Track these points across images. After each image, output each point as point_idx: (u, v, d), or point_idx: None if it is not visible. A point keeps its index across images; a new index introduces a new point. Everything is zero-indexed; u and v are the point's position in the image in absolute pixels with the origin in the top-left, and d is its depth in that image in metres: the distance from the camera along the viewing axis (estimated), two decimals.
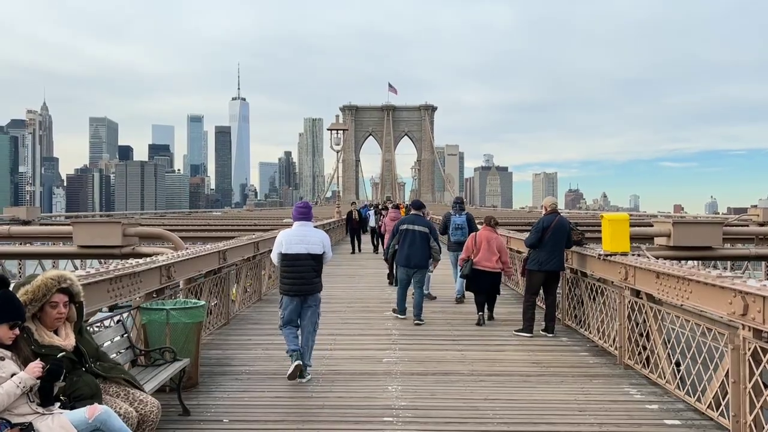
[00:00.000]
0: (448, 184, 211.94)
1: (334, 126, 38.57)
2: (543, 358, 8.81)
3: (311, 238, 7.88)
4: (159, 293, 8.33)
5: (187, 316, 7.20)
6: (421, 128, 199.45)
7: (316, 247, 7.84)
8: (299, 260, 7.75)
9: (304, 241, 7.81)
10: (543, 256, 10.43)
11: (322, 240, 7.98)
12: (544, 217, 10.69)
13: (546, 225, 10.47)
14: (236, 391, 7.28)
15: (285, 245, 7.85)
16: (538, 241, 10.54)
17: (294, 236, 7.88)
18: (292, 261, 7.77)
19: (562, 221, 10.58)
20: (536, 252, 10.54)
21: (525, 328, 10.38)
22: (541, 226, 10.53)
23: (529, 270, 10.85)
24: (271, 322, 11.36)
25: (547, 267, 10.41)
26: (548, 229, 10.42)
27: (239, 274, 13.38)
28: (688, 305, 6.72)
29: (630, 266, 8.34)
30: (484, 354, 9.07)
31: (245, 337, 10.22)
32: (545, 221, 10.54)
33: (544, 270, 10.44)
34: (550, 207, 10.81)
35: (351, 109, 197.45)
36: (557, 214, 10.72)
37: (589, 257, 10.00)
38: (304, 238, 7.84)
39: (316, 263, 7.87)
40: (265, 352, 9.10)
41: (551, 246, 10.39)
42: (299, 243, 7.80)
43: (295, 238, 7.85)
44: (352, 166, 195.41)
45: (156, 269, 8.06)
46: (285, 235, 7.99)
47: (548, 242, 10.39)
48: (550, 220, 10.48)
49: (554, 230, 10.38)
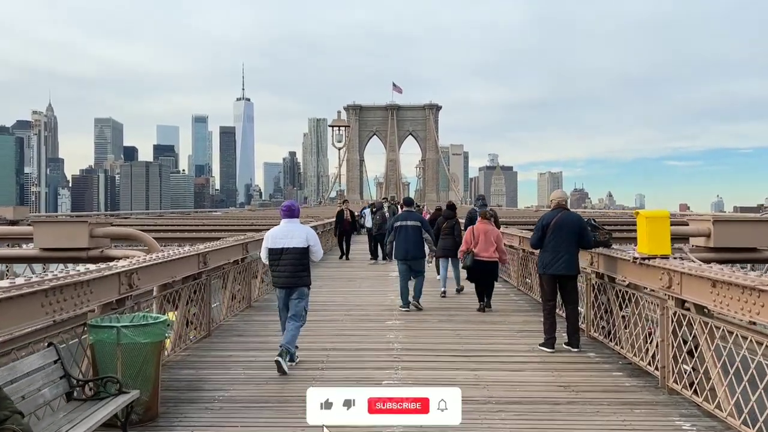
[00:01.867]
0: (453, 184, 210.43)
1: (336, 123, 37.20)
2: (571, 380, 7.50)
3: (295, 233, 8.34)
4: (120, 304, 7.09)
5: (143, 335, 5.93)
6: (425, 128, 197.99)
7: (299, 240, 8.27)
8: (284, 254, 8.24)
9: (289, 236, 8.29)
10: (547, 258, 9.13)
11: (306, 234, 8.38)
12: (547, 214, 9.45)
13: (546, 222, 9.17)
14: (204, 425, 6.01)
15: (271, 240, 8.40)
16: (539, 241, 9.29)
17: (280, 232, 8.41)
18: (278, 255, 8.29)
19: (568, 217, 9.21)
20: (541, 253, 9.29)
21: (546, 342, 9.07)
22: (542, 223, 9.25)
23: (538, 273, 9.67)
24: (259, 334, 10.13)
25: (552, 270, 9.08)
26: (549, 227, 9.11)
27: (226, 279, 12.13)
28: (761, 321, 5.42)
29: (674, 272, 7.03)
30: (501, 374, 7.77)
31: (226, 352, 8.94)
32: (547, 217, 9.27)
33: (551, 273, 9.13)
34: (556, 202, 9.47)
35: (355, 108, 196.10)
36: (563, 209, 9.34)
37: (620, 260, 8.67)
38: (288, 233, 8.32)
39: (301, 257, 8.30)
40: (246, 372, 7.81)
41: (555, 246, 9.04)
42: (284, 238, 8.29)
43: (281, 233, 8.37)
44: (356, 166, 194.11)
45: (113, 277, 6.80)
46: (271, 231, 8.58)
47: (551, 241, 9.07)
48: (552, 217, 9.17)
49: (557, 228, 9.04)
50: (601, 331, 9.52)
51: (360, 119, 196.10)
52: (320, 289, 14.99)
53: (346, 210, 23.97)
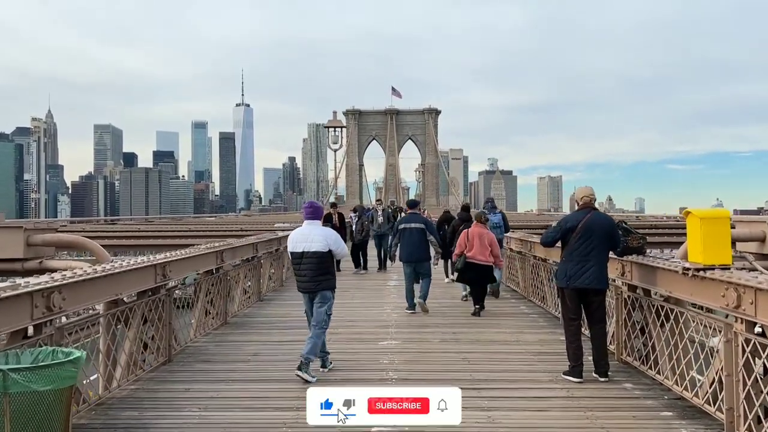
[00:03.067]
0: (452, 188, 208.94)
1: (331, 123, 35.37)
2: (610, 424, 5.92)
3: (315, 236, 7.95)
4: (37, 331, 5.56)
5: (42, 380, 4.38)
6: (425, 132, 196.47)
7: (319, 245, 7.89)
8: (304, 258, 7.90)
9: (308, 239, 7.93)
10: (571, 268, 7.52)
11: (326, 237, 7.98)
12: (571, 215, 7.86)
13: (573, 224, 7.57)
14: None
15: (291, 244, 8.07)
16: (554, 242, 7.83)
17: (299, 235, 8.06)
18: (298, 259, 7.97)
19: (599, 219, 7.64)
20: (563, 262, 7.68)
21: (572, 370, 7.49)
22: (565, 225, 7.65)
23: (558, 287, 8.01)
24: (228, 360, 8.57)
25: (578, 283, 7.48)
26: (576, 230, 7.52)
27: (198, 291, 10.58)
28: None
29: (745, 287, 5.47)
30: (521, 416, 6.16)
31: (182, 385, 7.35)
32: (572, 219, 7.67)
33: (576, 287, 7.54)
34: (582, 201, 7.79)
35: (354, 113, 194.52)
36: (593, 209, 7.74)
37: (663, 271, 7.11)
38: (308, 237, 7.96)
39: (322, 261, 7.91)
40: (201, 415, 6.22)
41: (582, 253, 7.46)
42: (303, 241, 7.94)
43: (300, 237, 8.02)
44: (355, 171, 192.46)
45: (21, 298, 5.25)
46: (293, 234, 8.19)
47: (577, 247, 7.48)
48: (579, 218, 7.56)
49: (585, 231, 7.48)
50: (635, 354, 7.97)
51: (359, 124, 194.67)
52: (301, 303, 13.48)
53: (334, 214, 21.52)
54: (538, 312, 12.41)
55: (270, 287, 15.67)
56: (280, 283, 16.56)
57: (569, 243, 7.53)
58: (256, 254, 13.99)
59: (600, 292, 7.68)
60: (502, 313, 12.35)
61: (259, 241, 14.28)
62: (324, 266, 7.95)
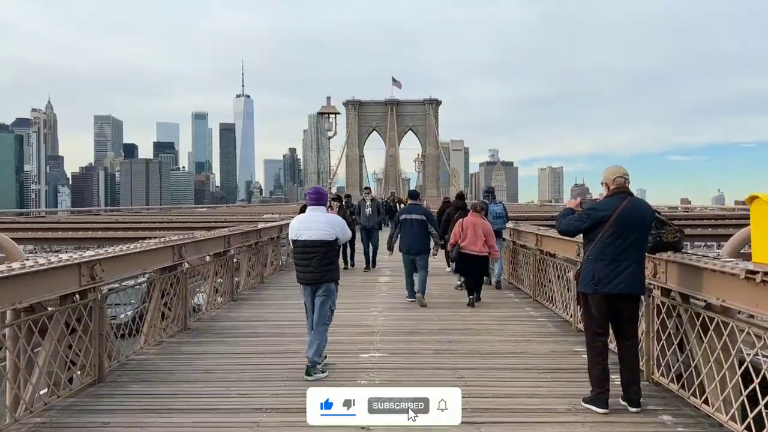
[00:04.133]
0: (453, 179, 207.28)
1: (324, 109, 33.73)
2: None
3: (320, 224, 7.39)
4: None
5: None
6: (425, 123, 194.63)
7: (324, 233, 7.35)
8: (307, 247, 7.36)
9: (313, 227, 7.38)
10: (602, 269, 5.85)
11: (332, 225, 7.42)
12: (604, 201, 6.08)
13: (605, 214, 5.90)
14: None
15: (294, 231, 7.51)
16: (577, 232, 6.17)
17: (303, 222, 7.49)
18: (301, 248, 7.41)
19: (638, 207, 5.97)
20: (589, 261, 5.98)
21: (595, 398, 5.95)
22: (597, 214, 5.96)
23: (581, 292, 6.16)
24: (172, 380, 7.05)
25: (609, 288, 5.84)
26: (609, 221, 5.88)
27: (151, 295, 9.05)
28: None
29: None
30: None
31: (102, 417, 5.80)
32: (605, 206, 5.96)
33: (606, 293, 5.90)
34: (615, 183, 6.10)
35: (354, 103, 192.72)
36: (629, 195, 6.08)
37: (713, 273, 5.56)
38: (312, 224, 7.40)
39: (326, 250, 7.36)
40: None
41: (616, 250, 5.81)
42: (308, 229, 7.39)
43: (304, 224, 7.46)
44: (356, 161, 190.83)
45: None
46: (295, 221, 7.64)
47: (610, 243, 5.82)
48: (613, 206, 5.90)
49: (622, 222, 5.83)
50: (672, 375, 6.44)
51: (359, 114, 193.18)
52: (280, 304, 11.98)
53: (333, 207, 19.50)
54: (546, 315, 10.89)
55: (250, 284, 14.16)
56: (260, 279, 15.03)
57: (600, 237, 5.91)
58: (228, 248, 12.43)
59: (634, 299, 6.12)
60: (505, 316, 10.83)
61: (232, 233, 12.71)
62: (329, 256, 7.43)
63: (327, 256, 7.38)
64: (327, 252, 7.38)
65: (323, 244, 7.33)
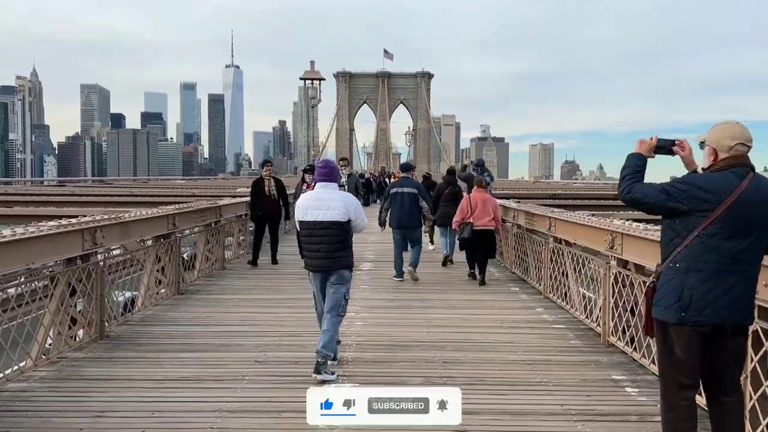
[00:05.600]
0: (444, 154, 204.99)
1: (307, 74, 31.20)
2: None
3: (332, 202, 6.44)
4: None
5: None
6: (417, 96, 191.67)
7: (337, 212, 6.41)
8: (317, 229, 6.43)
9: (323, 206, 6.43)
10: (697, 285, 3.63)
11: (346, 205, 6.48)
12: (707, 176, 3.71)
13: (714, 197, 3.58)
14: None
15: (302, 211, 6.54)
16: (655, 208, 3.77)
17: (312, 200, 6.54)
18: (310, 230, 6.48)
19: (764, 191, 3.66)
20: (673, 270, 3.70)
21: None
22: (698, 193, 3.62)
23: (658, 320, 3.82)
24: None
25: (705, 315, 3.62)
26: (717, 210, 3.57)
27: (53, 289, 6.82)
28: None
29: None
30: None
31: None
32: (711, 185, 3.63)
33: (699, 322, 3.64)
34: (734, 151, 3.68)
35: (345, 75, 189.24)
36: (750, 171, 3.69)
37: None
38: (323, 203, 6.44)
39: (339, 232, 6.47)
40: None
41: (726, 255, 3.60)
42: (317, 209, 6.45)
43: (313, 203, 6.50)
44: (346, 135, 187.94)
45: None
46: (303, 199, 6.69)
47: (717, 245, 3.59)
48: (728, 186, 3.60)
49: (737, 211, 3.58)
50: None
51: (350, 87, 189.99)
52: (229, 309, 9.80)
53: (268, 181, 13.54)
54: (564, 319, 8.79)
55: (204, 272, 11.94)
56: (221, 265, 12.80)
57: (697, 233, 3.62)
58: (174, 230, 10.15)
59: (742, 331, 3.89)
60: (514, 321, 8.69)
61: (178, 211, 10.41)
62: (343, 239, 6.60)
63: (339, 239, 6.52)
64: (338, 235, 6.52)
65: (335, 226, 6.46)
